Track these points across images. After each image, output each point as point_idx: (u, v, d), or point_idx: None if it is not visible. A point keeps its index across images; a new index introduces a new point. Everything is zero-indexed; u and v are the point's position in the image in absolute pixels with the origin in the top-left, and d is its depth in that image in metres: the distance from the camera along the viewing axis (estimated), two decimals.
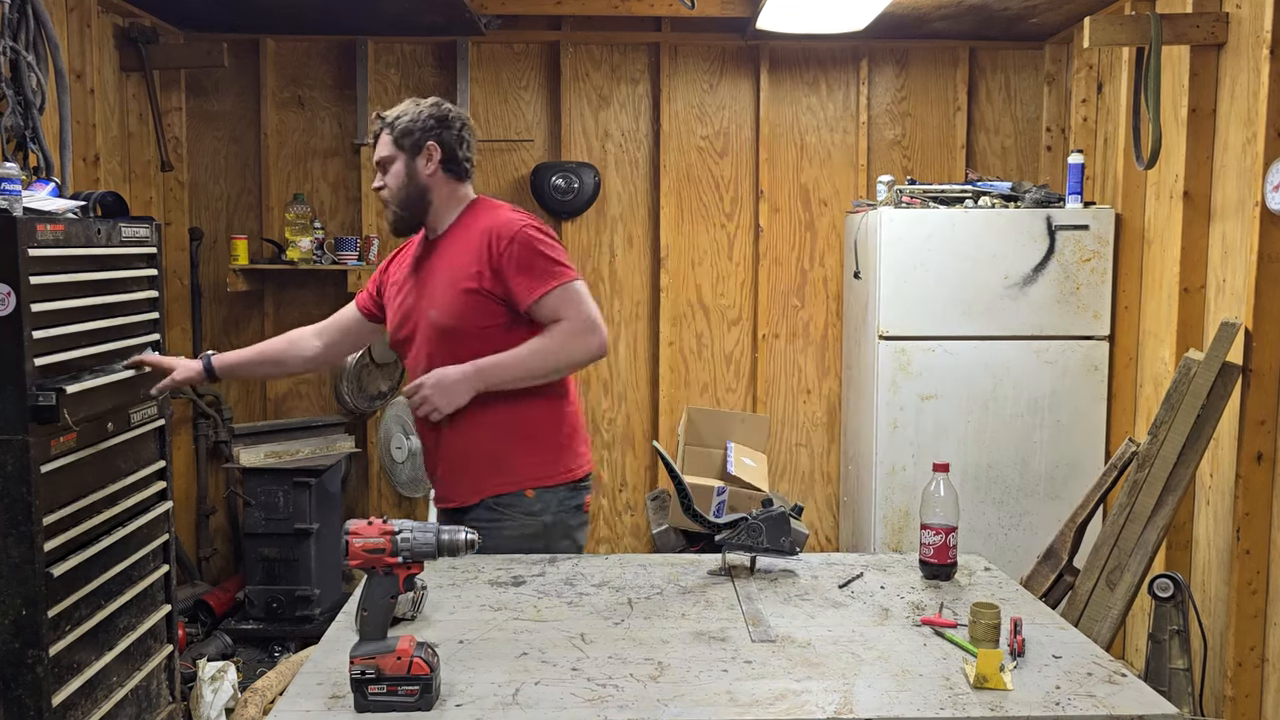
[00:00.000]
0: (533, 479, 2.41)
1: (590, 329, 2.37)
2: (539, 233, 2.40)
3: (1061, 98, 4.64)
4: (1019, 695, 1.64)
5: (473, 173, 2.54)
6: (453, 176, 2.48)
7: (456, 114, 2.50)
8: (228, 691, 3.42)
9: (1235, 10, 3.28)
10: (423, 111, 2.46)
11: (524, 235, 2.37)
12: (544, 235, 2.41)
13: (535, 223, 2.44)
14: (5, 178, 2.40)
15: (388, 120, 2.47)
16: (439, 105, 2.48)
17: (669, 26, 4.67)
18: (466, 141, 2.50)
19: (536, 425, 2.44)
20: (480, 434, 2.40)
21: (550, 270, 2.37)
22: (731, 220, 4.80)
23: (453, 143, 2.46)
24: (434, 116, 2.45)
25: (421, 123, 2.44)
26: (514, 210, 2.47)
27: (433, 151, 2.44)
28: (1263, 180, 3.03)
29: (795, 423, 4.86)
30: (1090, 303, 3.96)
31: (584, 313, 2.38)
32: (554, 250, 2.41)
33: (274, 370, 3.13)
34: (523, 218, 2.43)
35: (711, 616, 1.98)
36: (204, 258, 4.65)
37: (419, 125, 2.44)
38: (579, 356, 2.40)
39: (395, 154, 2.46)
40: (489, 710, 1.59)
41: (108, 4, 3.98)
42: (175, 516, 3.23)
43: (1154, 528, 3.06)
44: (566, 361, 2.40)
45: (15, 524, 2.40)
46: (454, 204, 2.50)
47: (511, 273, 2.34)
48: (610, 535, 4.89)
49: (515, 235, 2.36)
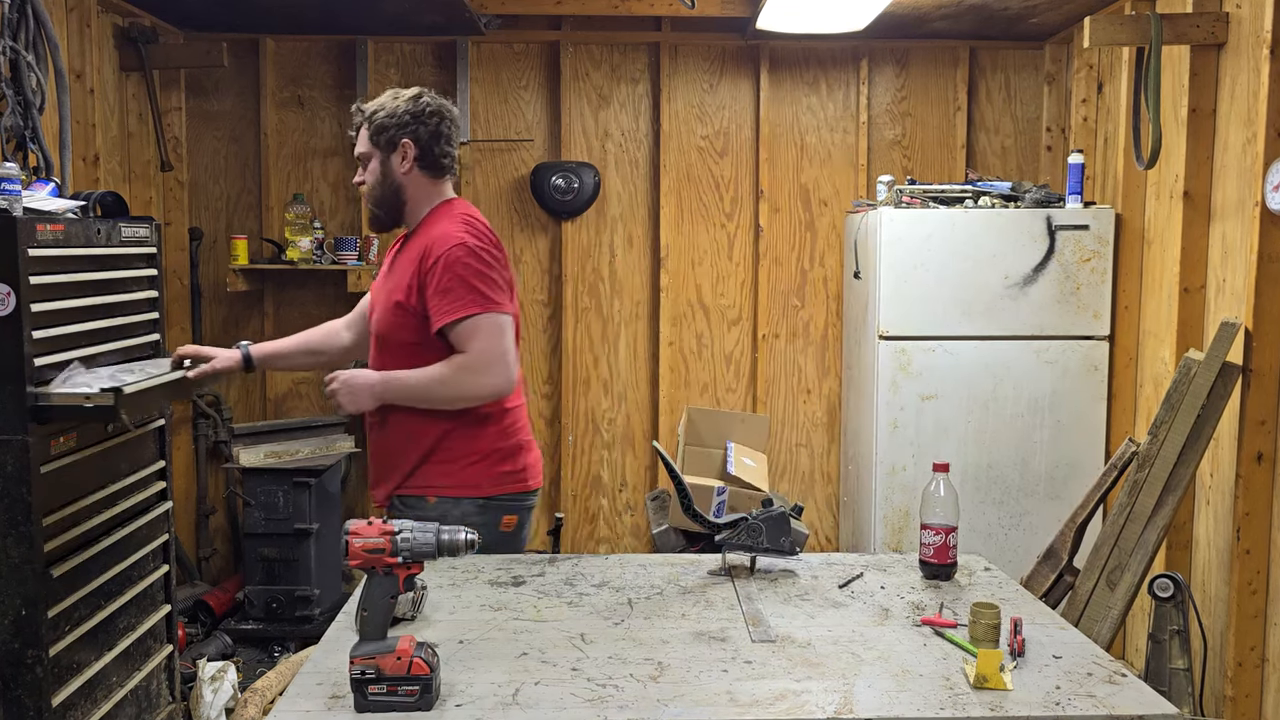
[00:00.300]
0: (436, 488, 2.39)
1: (485, 367, 2.26)
2: (471, 255, 2.29)
3: (1061, 98, 4.64)
4: (1019, 695, 1.64)
5: (453, 168, 2.47)
6: (429, 174, 2.42)
7: (436, 108, 2.41)
8: (228, 691, 3.42)
9: (1235, 10, 3.27)
10: (399, 107, 2.39)
11: (451, 256, 2.27)
12: (475, 259, 2.29)
13: (475, 242, 2.32)
14: (5, 178, 2.40)
15: (366, 114, 2.42)
16: (417, 99, 2.40)
17: (669, 26, 4.67)
18: (445, 136, 2.41)
19: (453, 439, 2.37)
20: (399, 437, 2.40)
21: (466, 298, 2.26)
22: (731, 220, 4.80)
23: (429, 139, 2.39)
24: (410, 112, 2.38)
25: (397, 119, 2.38)
26: (466, 223, 2.36)
27: (407, 149, 2.38)
28: (1263, 180, 3.03)
29: (795, 423, 4.86)
30: (1090, 303, 3.95)
31: (485, 349, 2.27)
32: (480, 277, 2.28)
33: (310, 361, 2.97)
34: (462, 235, 2.31)
35: (711, 616, 1.98)
36: (204, 258, 4.65)
37: (394, 121, 2.38)
38: (470, 392, 2.30)
39: (371, 150, 2.42)
40: (489, 710, 1.59)
41: (108, 4, 3.98)
42: (175, 516, 3.23)
43: (1154, 528, 3.06)
44: (458, 395, 2.31)
45: (15, 524, 2.40)
46: (428, 202, 2.43)
47: (430, 293, 2.28)
48: (610, 535, 4.89)
49: (443, 255, 2.27)
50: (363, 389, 2.36)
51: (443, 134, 2.41)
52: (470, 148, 4.70)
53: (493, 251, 2.34)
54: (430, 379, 2.30)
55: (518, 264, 4.78)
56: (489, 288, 2.28)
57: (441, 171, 2.44)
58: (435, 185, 2.44)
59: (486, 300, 2.27)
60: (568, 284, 4.75)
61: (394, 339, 2.37)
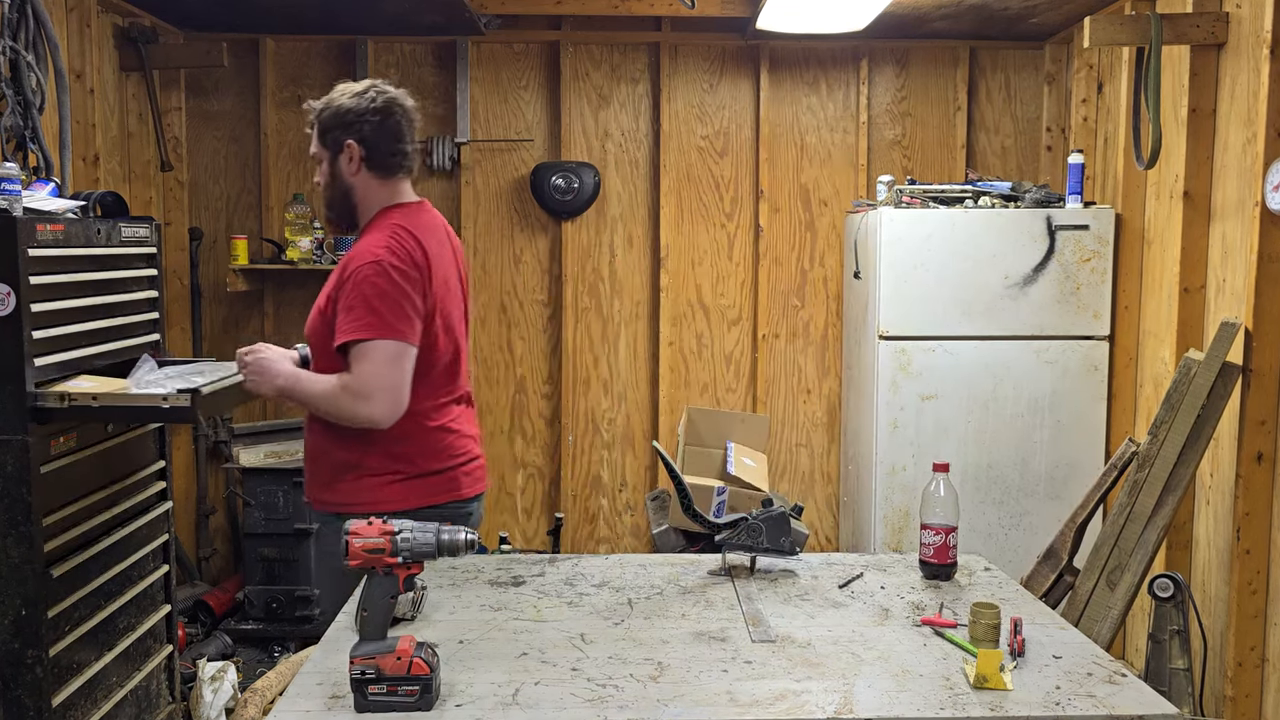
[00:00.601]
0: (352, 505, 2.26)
1: (366, 395, 2.14)
2: (380, 275, 2.15)
3: (1061, 97, 4.64)
4: (1019, 695, 1.64)
5: (407, 165, 2.33)
6: (379, 174, 2.30)
7: (384, 104, 2.27)
8: (228, 691, 3.42)
9: (1235, 10, 3.27)
10: (344, 105, 2.27)
11: (360, 274, 2.16)
12: (384, 279, 2.15)
13: (390, 260, 2.17)
14: (5, 178, 2.40)
15: (315, 112, 2.31)
16: (363, 95, 2.27)
17: (669, 26, 4.67)
18: (395, 134, 2.29)
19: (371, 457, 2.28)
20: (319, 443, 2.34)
21: (365, 320, 2.14)
22: (731, 220, 4.80)
23: (376, 138, 2.26)
24: (354, 110, 2.26)
25: (341, 118, 2.26)
26: (393, 236, 2.22)
27: (353, 150, 2.27)
28: (1263, 180, 3.03)
29: (795, 423, 4.86)
30: (1090, 303, 3.96)
31: (369, 375, 2.14)
32: (384, 298, 2.15)
33: None
34: (379, 252, 2.18)
35: (711, 616, 1.98)
36: (204, 258, 4.65)
37: (338, 121, 2.27)
38: (348, 415, 2.19)
39: (320, 152, 2.32)
40: (489, 710, 1.59)
41: (107, 4, 3.98)
42: (175, 516, 3.23)
43: (1154, 528, 3.06)
44: (338, 414, 2.21)
45: (15, 524, 2.40)
46: (379, 204, 2.32)
47: (339, 307, 2.19)
48: (610, 535, 4.89)
49: (354, 271, 2.17)
50: (270, 376, 2.27)
51: (392, 132, 2.28)
52: (470, 148, 4.70)
53: (409, 272, 2.19)
54: (318, 393, 2.22)
55: (517, 264, 4.78)
56: (391, 311, 2.15)
57: (393, 171, 2.31)
58: (387, 186, 2.32)
59: (384, 325, 2.14)
60: (568, 284, 4.75)
61: (317, 345, 2.30)
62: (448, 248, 2.38)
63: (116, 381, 2.62)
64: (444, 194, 4.73)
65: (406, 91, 2.37)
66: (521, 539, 4.88)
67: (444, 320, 2.29)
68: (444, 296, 2.29)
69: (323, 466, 2.34)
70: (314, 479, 2.38)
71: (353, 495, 2.28)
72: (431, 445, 2.31)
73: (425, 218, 2.35)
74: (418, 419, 2.27)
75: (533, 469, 4.86)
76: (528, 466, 4.86)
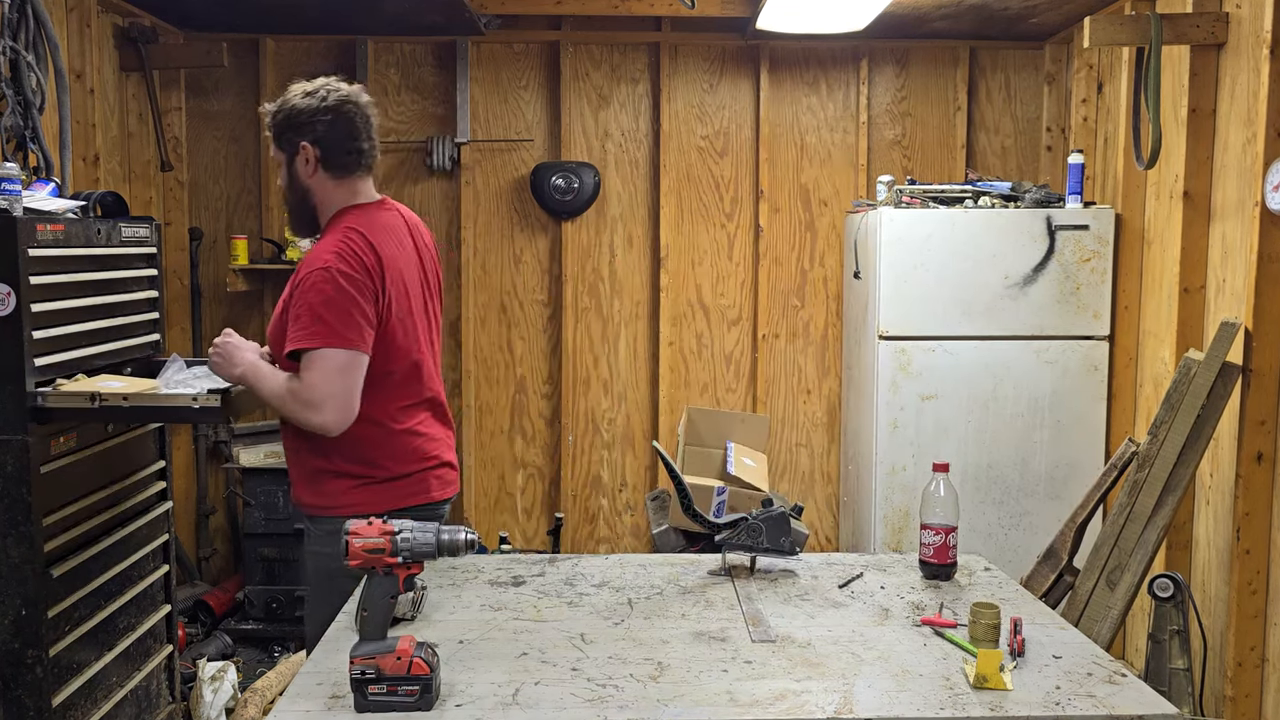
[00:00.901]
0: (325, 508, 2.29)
1: (311, 405, 2.12)
2: (328, 282, 2.12)
3: (1061, 98, 4.64)
4: (1019, 695, 1.64)
5: (365, 163, 2.28)
6: (335, 174, 2.26)
7: (335, 101, 2.23)
8: (228, 691, 3.42)
9: (1235, 10, 3.27)
10: (296, 105, 2.23)
11: (310, 280, 2.13)
12: (331, 286, 2.11)
13: (339, 266, 2.13)
14: (5, 178, 2.40)
15: (270, 115, 2.27)
16: (314, 94, 2.23)
17: (669, 26, 4.67)
18: (350, 132, 2.24)
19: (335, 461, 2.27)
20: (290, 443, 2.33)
21: (311, 329, 2.11)
22: (731, 220, 4.80)
23: (330, 138, 2.22)
24: (306, 110, 2.21)
25: (292, 120, 2.23)
26: (344, 241, 2.18)
27: (307, 151, 2.23)
28: (1263, 180, 3.03)
29: (795, 423, 4.86)
30: (1090, 303, 3.96)
31: (315, 385, 2.11)
32: (331, 306, 2.11)
33: None
34: (328, 258, 2.14)
35: (711, 616, 1.98)
36: (204, 258, 4.65)
37: (289, 123, 2.23)
38: (297, 419, 2.17)
39: (278, 155, 2.29)
40: (489, 710, 1.59)
41: (108, 4, 3.98)
42: (175, 516, 3.23)
43: (1154, 528, 3.06)
44: (288, 415, 2.20)
45: (15, 524, 2.40)
46: (337, 205, 2.28)
47: (291, 313, 2.16)
48: (610, 535, 4.89)
49: (305, 278, 2.14)
50: (233, 363, 2.26)
51: (346, 130, 2.24)
52: (470, 148, 4.70)
53: (357, 277, 2.14)
54: (271, 390, 2.20)
55: (517, 264, 4.78)
56: (339, 320, 2.11)
57: (350, 170, 2.27)
58: (345, 186, 2.28)
59: (331, 333, 2.11)
60: (568, 284, 4.75)
61: (278, 350, 2.27)
62: (408, 247, 2.34)
63: (145, 382, 2.62)
64: (444, 194, 4.74)
65: (362, 87, 2.33)
66: (521, 539, 4.88)
67: (402, 324, 2.26)
68: (400, 299, 2.25)
69: (297, 468, 2.35)
70: (294, 480, 2.39)
71: (326, 498, 2.29)
72: (398, 449, 2.30)
73: (383, 217, 2.30)
74: (383, 423, 2.26)
75: (533, 469, 4.86)
76: (528, 466, 4.86)
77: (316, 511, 2.30)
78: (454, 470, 2.45)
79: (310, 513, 2.32)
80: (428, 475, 2.35)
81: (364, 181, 2.32)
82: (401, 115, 4.70)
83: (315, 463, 2.29)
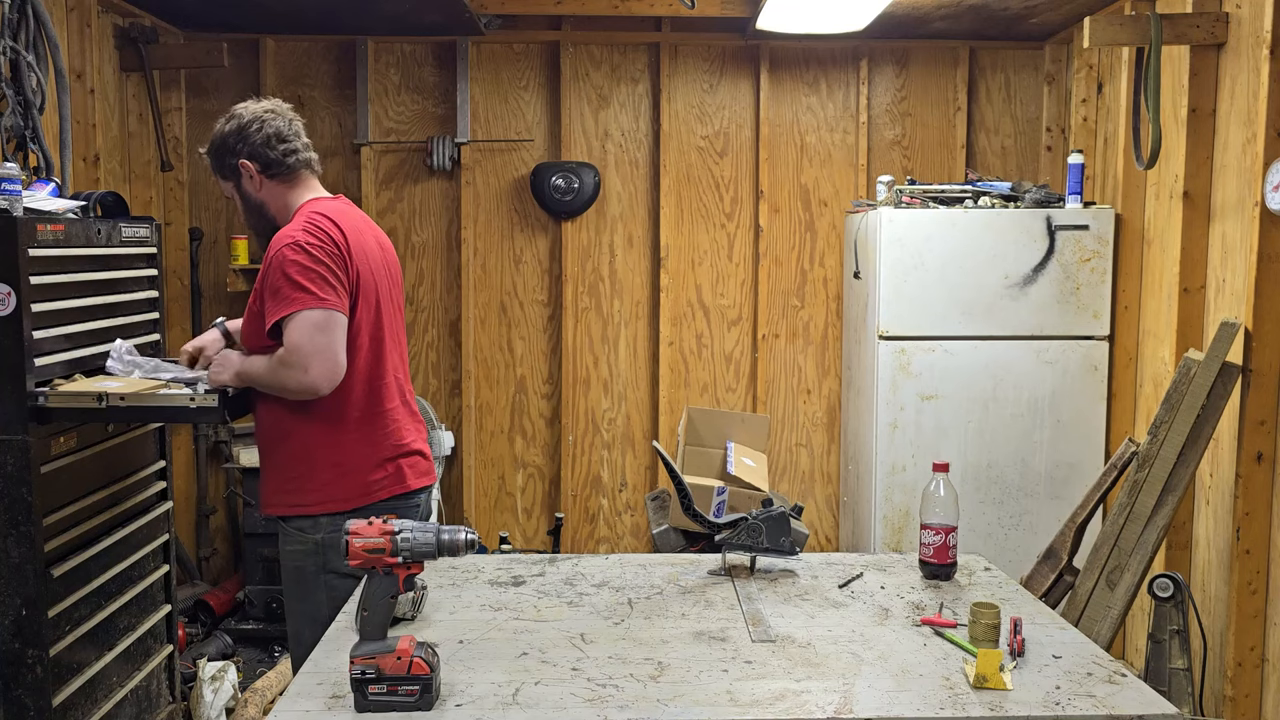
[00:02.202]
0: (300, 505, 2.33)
1: (294, 364, 2.19)
2: (298, 251, 2.22)
3: (1061, 98, 4.64)
4: (1019, 695, 1.64)
5: (303, 160, 2.39)
6: (281, 178, 2.37)
7: (252, 116, 2.36)
8: (228, 691, 3.42)
9: (1235, 10, 3.28)
10: (222, 133, 2.37)
11: (279, 257, 2.22)
12: (302, 254, 2.21)
13: (306, 238, 2.24)
14: (5, 178, 2.40)
15: (204, 155, 2.42)
16: (231, 118, 2.37)
17: (669, 26, 4.67)
18: (275, 137, 2.35)
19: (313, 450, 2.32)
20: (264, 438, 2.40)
21: (290, 296, 2.20)
22: (731, 220, 4.80)
23: (261, 148, 2.34)
24: (231, 134, 2.35)
25: (224, 146, 2.36)
26: (307, 220, 2.29)
27: (247, 168, 2.35)
28: (1263, 180, 3.03)
29: (795, 423, 4.86)
30: (1090, 303, 3.96)
31: (297, 344, 2.19)
32: (304, 272, 2.20)
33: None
34: (295, 234, 2.25)
35: (711, 616, 1.98)
36: (204, 258, 4.65)
37: (223, 149, 2.37)
38: (288, 386, 2.24)
39: (224, 184, 2.42)
40: (489, 710, 1.59)
41: (108, 4, 3.98)
42: (175, 516, 3.23)
43: (1154, 528, 3.06)
44: (280, 387, 2.26)
45: (15, 524, 2.40)
46: (293, 205, 2.39)
47: (266, 296, 2.25)
48: (610, 535, 4.89)
49: (273, 257, 2.24)
50: (229, 365, 2.36)
51: (273, 134, 2.35)
52: (470, 148, 4.70)
53: (326, 247, 2.24)
54: (263, 368, 2.28)
55: (517, 264, 4.78)
56: (313, 283, 2.20)
57: (293, 169, 2.38)
58: (295, 188, 2.39)
59: (307, 295, 2.19)
60: (568, 284, 4.76)
61: (252, 347, 2.35)
62: (370, 238, 2.41)
63: (144, 382, 2.62)
64: (444, 194, 4.74)
65: (280, 99, 2.46)
66: (521, 539, 4.88)
67: (367, 301, 2.32)
68: (367, 276, 2.32)
69: (270, 470, 2.39)
70: (264, 484, 2.41)
71: (296, 496, 2.33)
72: (367, 440, 2.34)
73: (342, 206, 2.41)
74: (348, 417, 2.32)
75: (533, 469, 4.86)
76: (528, 466, 4.86)
77: (287, 510, 2.35)
78: (427, 460, 2.49)
79: (281, 513, 2.36)
80: (400, 464, 2.39)
81: (312, 180, 2.44)
82: (401, 115, 4.71)
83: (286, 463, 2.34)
